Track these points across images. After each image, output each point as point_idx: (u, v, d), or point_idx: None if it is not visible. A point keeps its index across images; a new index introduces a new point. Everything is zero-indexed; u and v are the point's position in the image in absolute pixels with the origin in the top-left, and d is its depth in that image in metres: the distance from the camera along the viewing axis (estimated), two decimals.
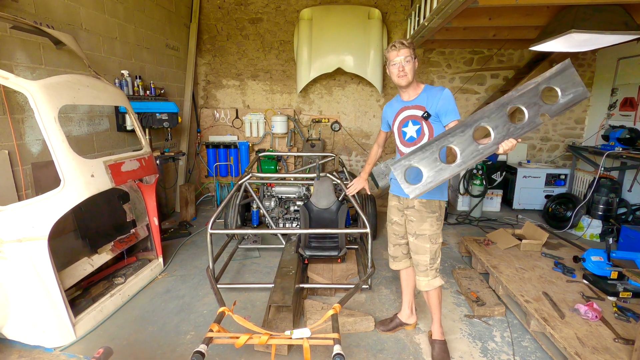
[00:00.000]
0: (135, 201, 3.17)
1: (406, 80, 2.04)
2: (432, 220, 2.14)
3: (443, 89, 2.03)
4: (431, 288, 2.21)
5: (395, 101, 2.25)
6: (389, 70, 2.10)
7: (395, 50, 2.03)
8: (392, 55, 2.04)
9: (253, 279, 3.30)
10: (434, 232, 2.15)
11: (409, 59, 2.01)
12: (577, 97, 1.74)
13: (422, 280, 2.21)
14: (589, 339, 2.10)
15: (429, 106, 2.05)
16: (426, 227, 2.14)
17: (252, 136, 5.91)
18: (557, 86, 1.74)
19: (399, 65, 2.02)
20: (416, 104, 2.10)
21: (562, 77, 1.73)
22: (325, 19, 5.38)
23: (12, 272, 2.15)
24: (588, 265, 2.81)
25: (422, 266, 2.19)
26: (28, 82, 2.13)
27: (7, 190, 2.77)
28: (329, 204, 3.70)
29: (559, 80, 1.74)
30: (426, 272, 2.19)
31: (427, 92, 2.09)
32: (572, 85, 1.73)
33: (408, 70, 2.02)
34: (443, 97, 2.00)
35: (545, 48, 3.62)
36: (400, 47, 2.02)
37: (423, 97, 2.09)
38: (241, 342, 1.79)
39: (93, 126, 3.70)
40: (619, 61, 4.94)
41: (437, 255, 2.19)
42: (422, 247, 2.16)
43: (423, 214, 2.14)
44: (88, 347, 2.31)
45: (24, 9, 2.89)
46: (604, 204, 4.24)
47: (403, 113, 2.15)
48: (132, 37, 4.27)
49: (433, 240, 2.15)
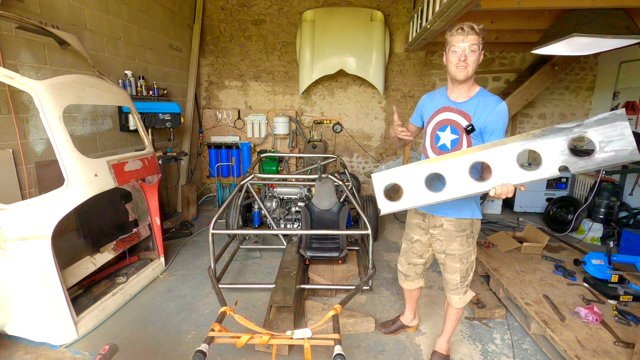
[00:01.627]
0: (137, 201, 3.19)
1: (466, 73, 1.71)
2: (462, 240, 1.93)
3: (499, 102, 1.74)
4: (463, 305, 2.09)
5: (439, 95, 1.92)
6: (447, 57, 1.77)
7: (462, 34, 1.67)
8: (455, 40, 1.70)
9: (254, 279, 3.31)
10: (465, 251, 1.96)
11: (475, 48, 1.68)
12: (620, 157, 1.37)
13: (454, 299, 2.07)
14: (589, 342, 2.11)
15: (476, 117, 1.74)
16: (455, 246, 1.95)
17: (254, 137, 5.93)
18: (596, 138, 1.38)
19: (461, 54, 1.69)
20: (463, 110, 1.79)
21: (608, 127, 1.36)
22: (328, 20, 5.40)
23: (15, 270, 2.16)
24: (589, 268, 2.81)
25: (452, 285, 2.05)
26: (33, 82, 2.14)
27: (11, 188, 2.79)
28: (330, 205, 3.71)
29: (601, 131, 1.37)
30: (457, 291, 2.05)
31: (480, 98, 1.78)
32: (618, 142, 1.36)
33: (471, 61, 1.69)
34: (496, 112, 1.71)
35: (547, 51, 3.63)
36: (470, 31, 1.67)
37: (473, 103, 1.78)
38: (242, 341, 1.80)
39: (96, 126, 3.72)
40: (621, 65, 4.95)
41: (468, 273, 2.03)
42: (452, 266, 2.00)
43: (452, 234, 1.93)
44: (90, 346, 2.32)
45: (29, 9, 2.91)
46: (605, 208, 4.23)
47: (444, 114, 1.85)
48: (135, 38, 4.30)
49: (464, 260, 1.97)
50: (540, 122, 5.79)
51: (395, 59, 5.81)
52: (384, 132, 6.11)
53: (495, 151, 1.54)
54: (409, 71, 5.85)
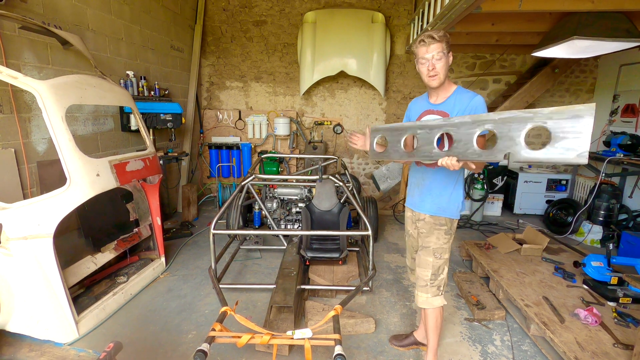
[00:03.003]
0: (138, 201, 3.20)
1: (438, 81, 1.78)
2: (440, 234, 1.97)
3: (474, 96, 1.78)
4: (429, 307, 2.01)
5: (422, 100, 2.02)
6: (418, 68, 1.84)
7: (425, 45, 1.74)
8: (420, 52, 1.76)
9: (255, 280, 3.31)
10: (440, 246, 1.97)
11: (440, 55, 1.73)
12: (567, 158, 1.27)
13: (420, 296, 2.02)
14: (588, 343, 2.11)
15: (453, 113, 1.80)
16: (432, 239, 1.98)
17: (255, 138, 5.94)
18: (553, 130, 1.27)
19: (428, 64, 1.76)
20: (441, 110, 1.86)
21: (569, 122, 1.23)
22: (329, 22, 5.42)
23: (17, 269, 2.17)
24: (588, 270, 2.82)
25: (421, 280, 2.01)
26: (36, 82, 2.15)
27: (13, 188, 2.80)
28: (330, 206, 3.72)
29: (561, 125, 1.25)
30: (425, 288, 2.00)
31: (457, 96, 1.84)
32: (573, 139, 1.23)
33: (440, 68, 1.75)
34: (472, 106, 1.75)
35: (548, 54, 3.65)
36: (430, 41, 1.72)
37: (450, 102, 1.84)
38: (243, 341, 1.81)
39: (98, 126, 3.73)
40: (621, 68, 4.96)
41: (439, 271, 1.99)
42: (425, 260, 1.99)
43: (432, 226, 1.98)
44: (90, 345, 2.33)
45: (32, 10, 2.93)
46: (605, 210, 4.24)
47: (427, 117, 1.93)
48: (137, 38, 4.31)
49: (437, 255, 1.97)
50: None
51: (396, 61, 5.82)
52: None
53: (460, 124, 1.54)
54: (410, 73, 5.86)
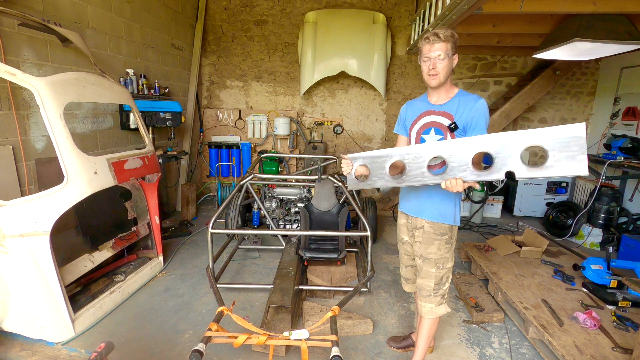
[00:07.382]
0: (137, 199, 3.18)
1: (437, 81, 1.75)
2: (440, 243, 1.92)
3: (478, 99, 1.76)
4: (434, 316, 1.99)
5: (420, 101, 1.95)
6: (420, 64, 1.82)
7: (429, 44, 1.71)
8: (424, 49, 1.74)
9: (252, 280, 3.30)
10: (441, 256, 1.93)
11: (443, 56, 1.70)
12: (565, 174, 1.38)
13: (425, 307, 1.99)
14: (587, 347, 2.10)
15: (458, 115, 1.76)
16: (433, 250, 1.93)
17: (255, 137, 5.93)
18: (549, 148, 1.38)
19: (430, 63, 1.73)
20: (444, 110, 1.81)
21: (562, 142, 1.35)
22: (330, 22, 5.41)
23: (13, 266, 2.16)
24: (588, 273, 2.81)
25: (424, 291, 1.98)
26: (35, 79, 2.14)
27: (10, 185, 2.79)
28: (329, 207, 3.71)
29: (555, 143, 1.36)
30: (429, 298, 1.97)
31: (460, 98, 1.80)
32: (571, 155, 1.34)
33: (440, 69, 1.72)
34: (476, 108, 1.73)
35: (549, 56, 3.64)
36: (435, 40, 1.69)
37: (454, 104, 1.80)
38: (239, 342, 1.79)
39: (97, 124, 3.72)
40: (622, 70, 4.95)
41: (443, 280, 1.96)
42: (427, 271, 1.95)
43: (431, 236, 1.92)
44: (86, 344, 2.32)
45: (32, 7, 2.92)
46: (605, 213, 4.23)
47: (427, 117, 1.86)
48: (137, 36, 4.30)
49: (440, 265, 1.94)
50: (541, 126, 5.78)
51: (397, 62, 5.82)
52: (385, 134, 6.11)
53: (455, 146, 1.55)
54: (411, 74, 5.86)
